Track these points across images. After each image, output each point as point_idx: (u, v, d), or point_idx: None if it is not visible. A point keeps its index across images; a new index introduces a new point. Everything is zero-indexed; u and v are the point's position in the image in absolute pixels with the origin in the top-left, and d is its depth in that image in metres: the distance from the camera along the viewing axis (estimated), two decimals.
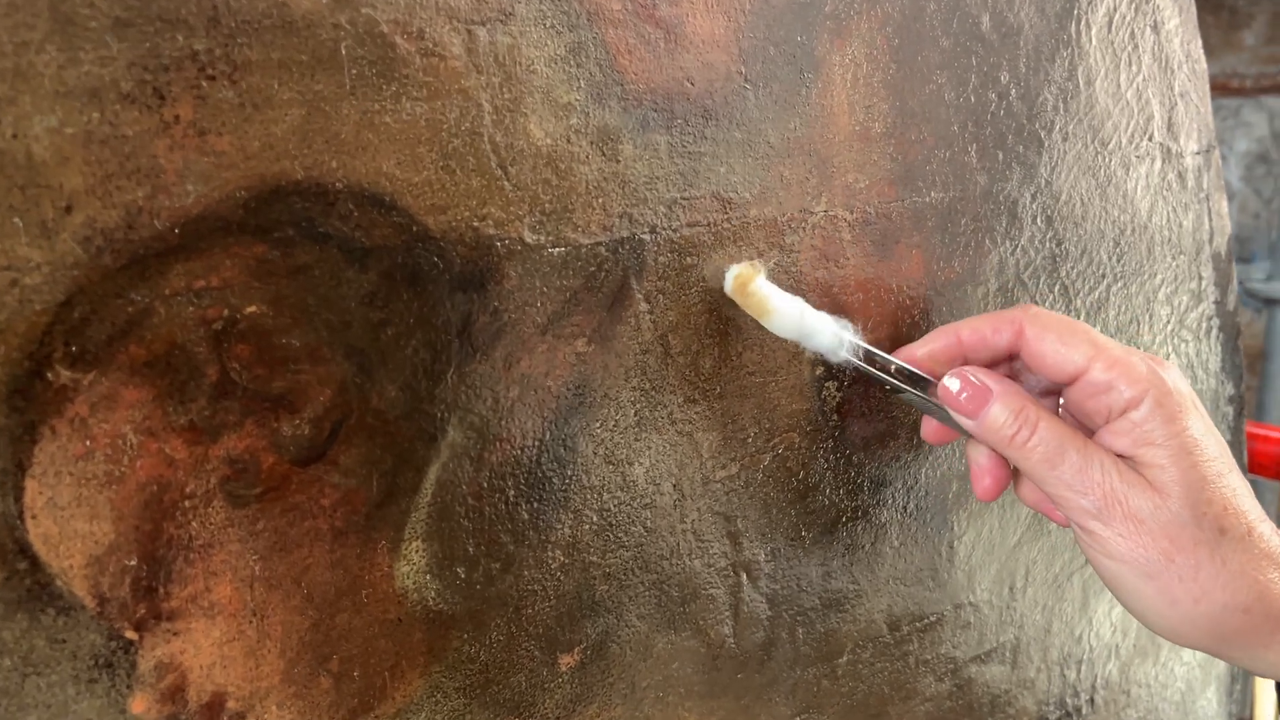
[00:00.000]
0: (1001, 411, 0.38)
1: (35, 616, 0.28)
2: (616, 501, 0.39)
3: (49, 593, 0.28)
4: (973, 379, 0.39)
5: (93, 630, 0.29)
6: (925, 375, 0.41)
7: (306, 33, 0.30)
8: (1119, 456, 0.38)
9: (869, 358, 0.41)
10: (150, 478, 0.29)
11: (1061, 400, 0.42)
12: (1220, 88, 2.77)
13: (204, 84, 0.28)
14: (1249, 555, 0.37)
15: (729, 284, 0.40)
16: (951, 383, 0.40)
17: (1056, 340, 0.39)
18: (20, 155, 0.26)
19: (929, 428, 0.44)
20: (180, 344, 0.29)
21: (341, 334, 0.32)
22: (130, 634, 0.30)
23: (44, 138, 0.26)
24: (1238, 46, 2.76)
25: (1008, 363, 0.42)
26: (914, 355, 0.42)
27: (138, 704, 0.30)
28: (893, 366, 0.42)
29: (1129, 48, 0.53)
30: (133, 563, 0.29)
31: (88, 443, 0.28)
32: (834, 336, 0.41)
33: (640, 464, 0.40)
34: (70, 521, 0.28)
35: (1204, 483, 0.37)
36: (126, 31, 0.27)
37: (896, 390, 0.42)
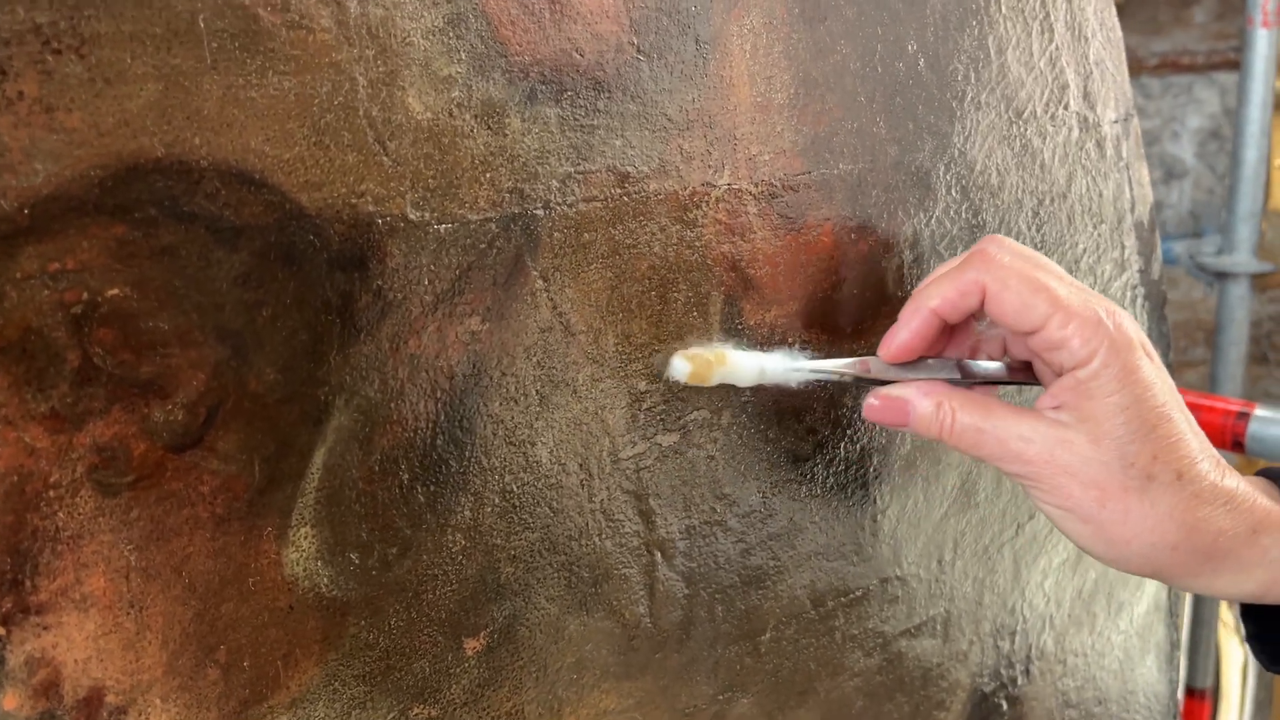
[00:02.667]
0: (922, 414, 0.42)
1: None
2: (519, 483, 0.39)
3: None
4: (889, 395, 0.43)
5: None
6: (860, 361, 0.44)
7: (160, 4, 0.29)
8: (1060, 407, 0.41)
9: (820, 370, 0.44)
10: (10, 468, 0.28)
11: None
12: (1172, 65, 2.79)
13: (49, 58, 0.27)
14: (1177, 498, 0.40)
15: (682, 377, 0.42)
16: (873, 402, 0.43)
17: (1016, 299, 0.40)
18: None
19: (871, 410, 0.44)
20: (36, 329, 0.28)
21: (213, 316, 0.31)
22: None
23: None
24: (1188, 23, 2.78)
25: (979, 314, 0.43)
26: (898, 339, 0.43)
27: (9, 700, 0.29)
28: (850, 369, 0.44)
29: (1040, 15, 0.53)
30: None
31: None
32: (790, 371, 0.44)
33: (544, 444, 0.39)
34: None
35: (1137, 433, 0.40)
36: None
37: (861, 382, 0.44)
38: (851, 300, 0.48)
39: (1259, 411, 1.07)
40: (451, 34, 0.34)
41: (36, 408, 0.28)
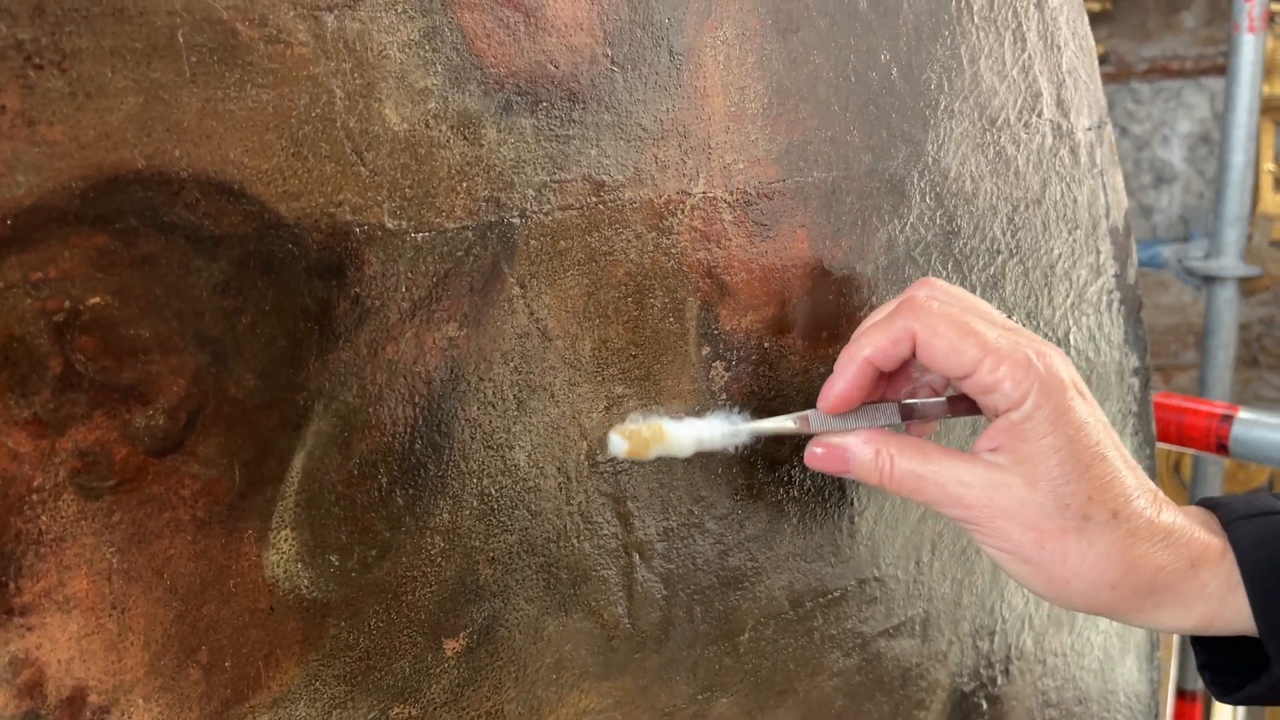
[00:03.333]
0: (861, 461, 0.43)
1: None
2: (498, 486, 0.40)
3: None
4: (828, 443, 0.44)
5: None
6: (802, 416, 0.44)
7: (140, 19, 0.29)
8: (997, 449, 0.41)
9: (761, 431, 0.45)
10: None
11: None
12: (1161, 70, 2.81)
13: (31, 73, 0.28)
14: (1114, 536, 0.41)
15: (620, 452, 0.42)
16: (815, 450, 0.44)
17: (945, 345, 0.41)
18: None
19: (812, 459, 0.45)
20: (18, 336, 0.29)
21: (193, 323, 0.32)
22: None
23: None
24: (1177, 29, 2.80)
25: (913, 361, 0.44)
26: (835, 391, 0.43)
27: None
28: (790, 425, 0.44)
29: (1013, 25, 0.54)
30: None
31: None
32: (729, 436, 0.44)
33: (521, 447, 0.40)
34: None
35: (1072, 475, 0.40)
36: None
37: (796, 432, 0.45)
38: (827, 305, 0.48)
39: (1242, 414, 1.08)
40: (427, 47, 0.35)
41: (19, 413, 0.29)
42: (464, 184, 0.36)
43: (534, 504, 0.41)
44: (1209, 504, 0.45)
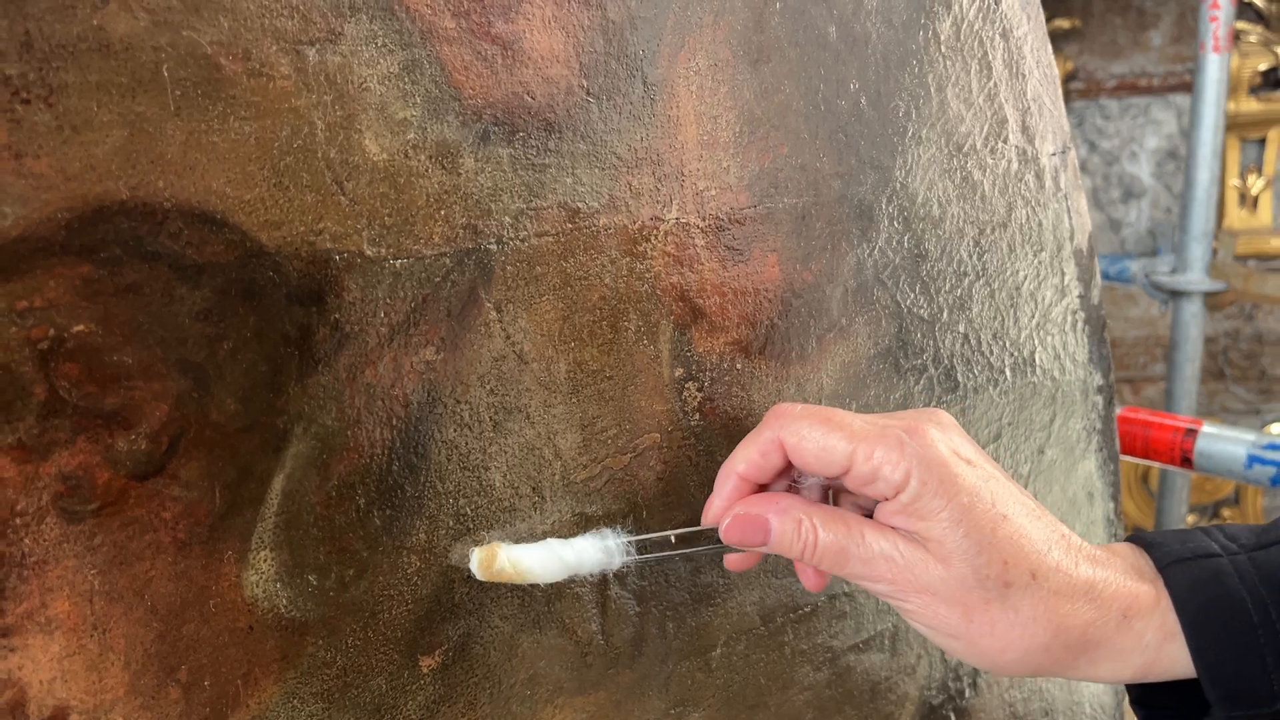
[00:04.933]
0: (782, 534, 0.41)
1: None
2: (474, 506, 0.40)
3: None
4: (746, 513, 0.42)
5: None
6: (703, 528, 0.44)
7: (125, 55, 0.30)
8: (901, 531, 0.41)
9: (644, 546, 0.43)
10: None
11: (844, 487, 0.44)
12: (1130, 87, 2.86)
13: (18, 107, 0.29)
14: (1036, 598, 0.40)
15: (478, 573, 0.40)
16: (730, 527, 0.42)
17: (814, 446, 0.41)
18: None
19: (730, 560, 0.45)
20: (3, 364, 0.29)
21: (176, 349, 0.32)
22: None
23: None
24: (1145, 46, 2.85)
25: (789, 470, 0.44)
26: (713, 510, 0.43)
27: None
28: (672, 538, 0.44)
29: (979, 54, 0.55)
30: None
31: None
32: (602, 553, 0.42)
33: (497, 468, 0.41)
34: None
35: (981, 544, 0.39)
36: None
37: (688, 553, 0.44)
38: (797, 328, 0.50)
39: (1206, 429, 1.10)
40: (407, 79, 0.36)
41: (3, 439, 0.30)
42: (442, 212, 0.37)
43: (509, 523, 0.42)
44: (1142, 542, 0.44)
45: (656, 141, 0.43)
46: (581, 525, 0.44)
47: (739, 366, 0.48)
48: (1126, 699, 0.84)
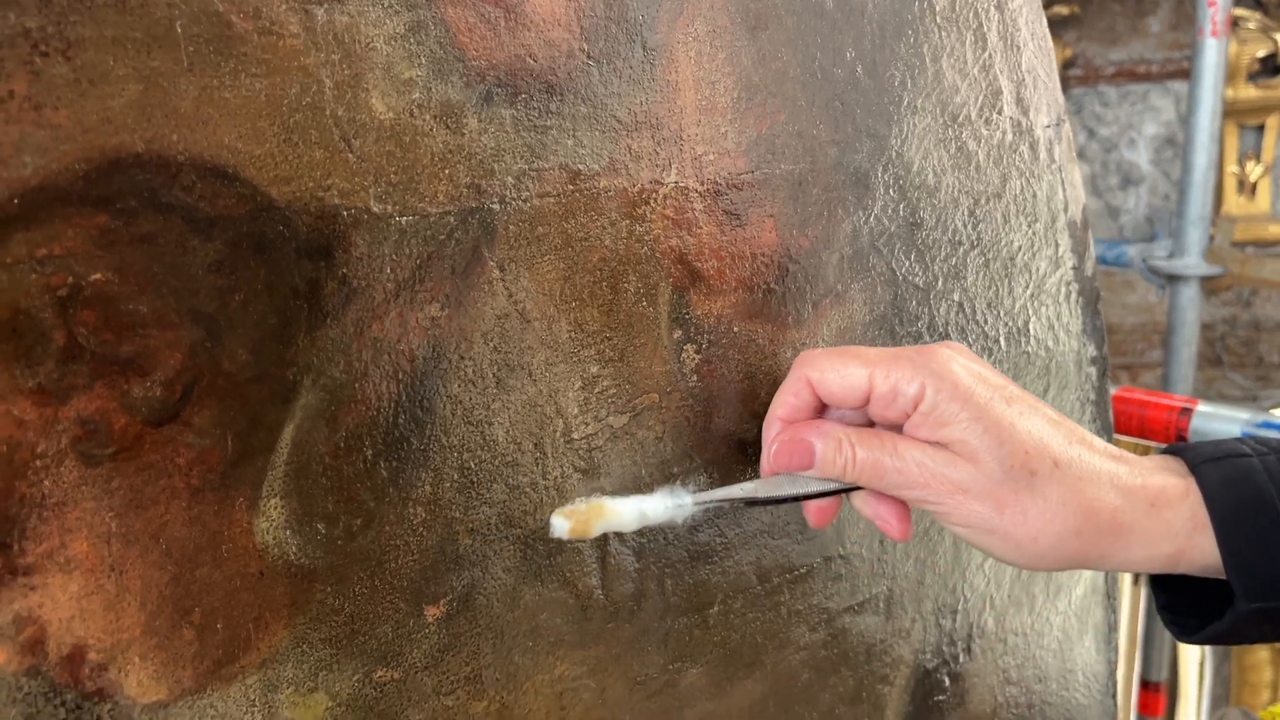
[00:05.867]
0: (825, 452, 0.44)
1: None
2: (477, 460, 0.41)
3: None
4: (790, 439, 0.45)
5: None
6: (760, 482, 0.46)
7: (140, 11, 0.31)
8: (930, 442, 0.43)
9: (708, 500, 0.46)
10: (0, 438, 0.31)
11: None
12: (1128, 74, 2.86)
13: (37, 60, 0.30)
14: (1063, 484, 0.42)
15: (564, 534, 0.43)
16: (778, 453, 0.45)
17: (835, 376, 0.44)
18: None
19: (812, 515, 0.47)
20: (25, 310, 0.30)
21: (189, 300, 0.33)
22: None
23: None
24: (1144, 33, 2.85)
25: (824, 409, 0.46)
26: (765, 457, 0.46)
27: None
28: (736, 493, 0.46)
29: (974, 26, 0.56)
30: None
31: None
32: (673, 511, 0.45)
33: (500, 424, 0.42)
34: None
35: (1002, 439, 0.42)
36: None
37: (752, 504, 0.46)
38: (794, 293, 0.51)
39: (1201, 407, 1.11)
40: (412, 40, 0.37)
41: (24, 383, 0.31)
42: (446, 171, 0.38)
43: (512, 478, 0.43)
44: (1175, 450, 0.46)
45: (656, 106, 0.44)
46: (583, 482, 0.45)
47: (736, 330, 0.49)
48: (1118, 667, 0.85)
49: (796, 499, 0.46)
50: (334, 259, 0.36)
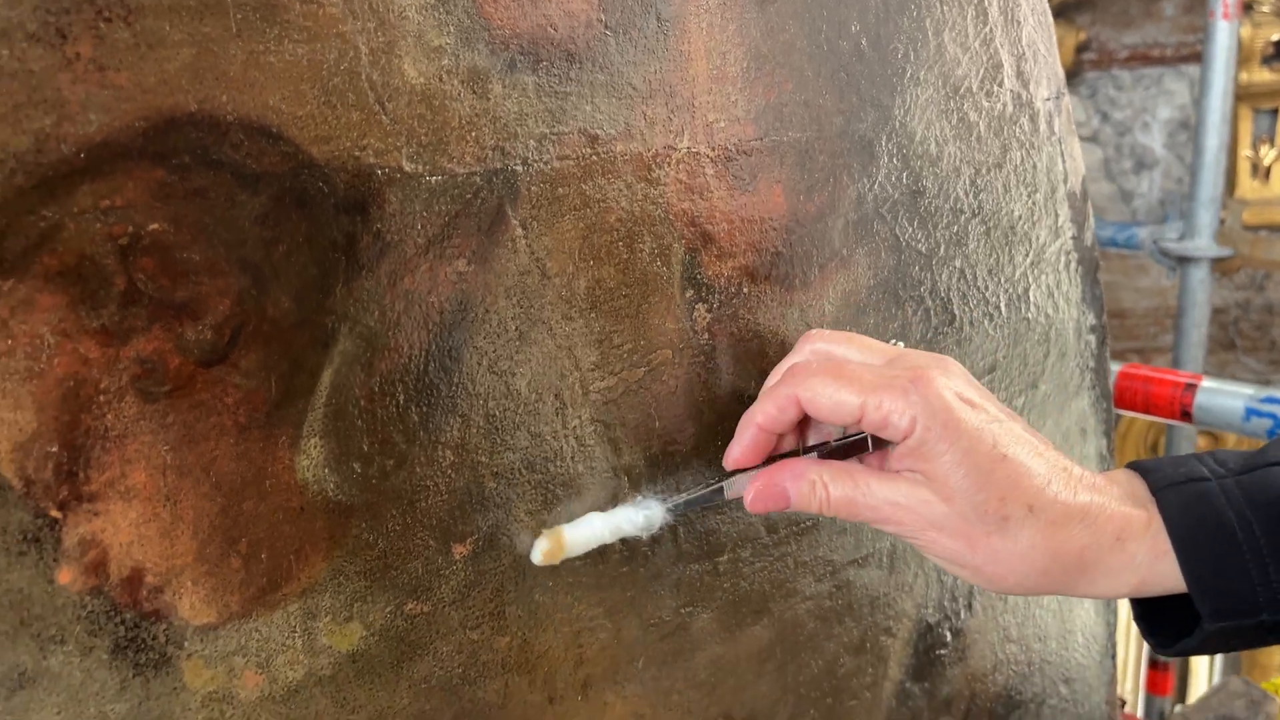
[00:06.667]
0: (799, 494, 0.46)
1: None
2: (501, 408, 0.44)
3: None
4: (767, 485, 0.46)
5: (20, 509, 0.33)
6: (727, 478, 0.48)
7: None
8: (910, 470, 0.44)
9: (679, 505, 0.48)
10: (67, 374, 0.33)
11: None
12: (1142, 57, 2.86)
13: (101, 25, 0.32)
14: (1034, 529, 0.44)
15: (539, 559, 0.45)
16: (755, 500, 0.46)
17: (827, 403, 0.44)
18: None
19: (752, 503, 0.47)
20: (90, 256, 0.33)
21: (237, 250, 0.36)
22: (54, 513, 0.34)
23: None
24: (1158, 17, 2.85)
25: (807, 420, 0.47)
26: (732, 455, 0.47)
27: (64, 575, 0.34)
28: (704, 496, 0.48)
29: (975, 1, 0.58)
30: (54, 449, 0.33)
31: (9, 341, 0.32)
32: (644, 521, 0.47)
33: (522, 375, 0.45)
34: None
35: (980, 482, 0.43)
36: None
37: (719, 504, 0.49)
38: (800, 256, 0.53)
39: (1205, 383, 1.13)
40: (441, 9, 0.39)
41: (89, 324, 0.34)
42: (473, 133, 0.41)
43: (533, 426, 0.45)
44: (1139, 468, 0.47)
45: (669, 74, 0.46)
46: (600, 432, 0.47)
47: (745, 290, 0.51)
48: (1115, 629, 0.88)
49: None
50: (369, 214, 0.39)
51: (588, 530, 0.46)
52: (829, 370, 0.45)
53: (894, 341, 0.50)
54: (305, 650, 0.40)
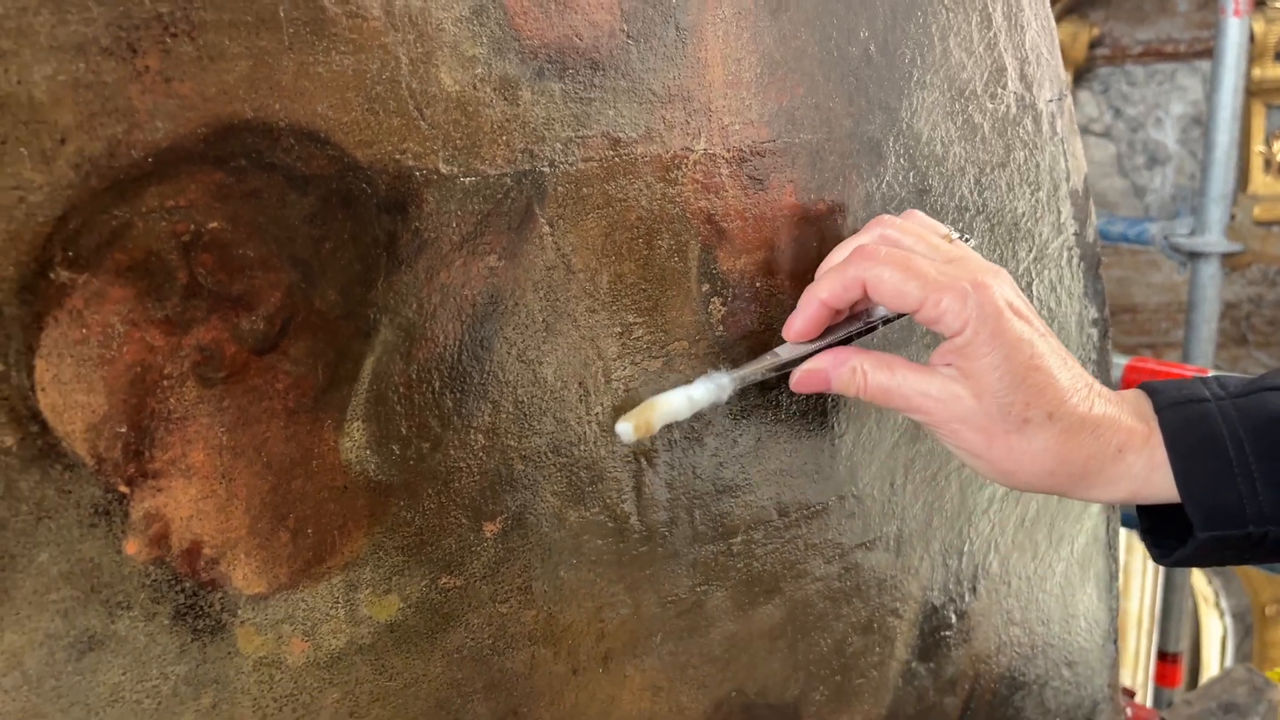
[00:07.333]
0: (840, 380, 0.50)
1: (46, 471, 0.35)
2: (529, 395, 0.47)
3: (56, 452, 0.35)
4: (811, 370, 0.51)
5: (92, 484, 0.36)
6: (791, 354, 0.52)
7: None
8: (949, 365, 0.48)
9: (743, 378, 0.51)
10: (135, 360, 0.36)
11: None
12: (1155, 53, 2.87)
13: (168, 40, 0.35)
14: (1049, 434, 0.48)
15: (630, 436, 0.48)
16: (799, 382, 0.51)
17: (891, 289, 0.48)
18: (24, 98, 0.33)
19: (797, 382, 0.52)
20: (155, 252, 0.36)
21: (288, 247, 0.39)
22: (122, 488, 0.37)
23: (42, 84, 0.33)
24: (1172, 12, 2.86)
25: (865, 299, 0.51)
26: (795, 327, 0.51)
27: (130, 546, 0.37)
28: (764, 365, 0.52)
29: (980, 7, 0.61)
30: (123, 430, 0.36)
31: (83, 330, 0.35)
32: (715, 391, 0.50)
33: (549, 364, 0.47)
34: (71, 394, 0.35)
35: (1012, 385, 0.47)
36: None
37: (781, 370, 0.52)
38: (811, 251, 0.56)
39: (1212, 376, 1.15)
40: (475, 22, 0.42)
41: (155, 314, 0.36)
42: (504, 137, 0.44)
43: (558, 412, 0.48)
44: (1147, 388, 0.52)
45: (687, 80, 0.49)
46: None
47: (758, 285, 0.54)
48: (1118, 615, 0.90)
49: (821, 349, 0.51)
50: (409, 214, 0.41)
51: (669, 404, 0.49)
52: (897, 260, 0.48)
53: (963, 237, 0.53)
54: (347, 620, 0.43)
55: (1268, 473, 0.47)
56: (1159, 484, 0.48)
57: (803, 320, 0.50)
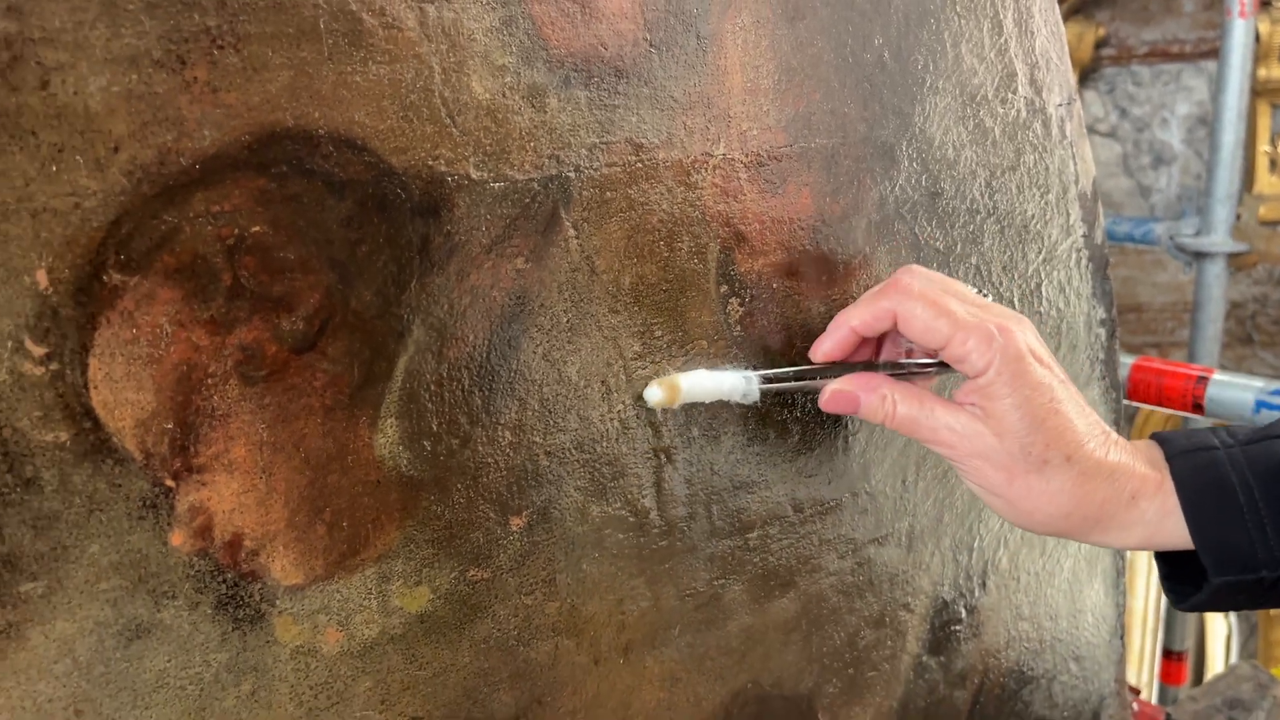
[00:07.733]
0: (868, 404, 0.52)
1: (98, 465, 0.37)
2: (554, 393, 0.48)
3: (108, 447, 0.37)
4: (840, 390, 0.52)
5: (140, 478, 0.38)
6: (816, 367, 0.54)
7: (293, 11, 0.38)
8: (973, 404, 0.50)
9: (771, 379, 0.53)
10: (181, 359, 0.38)
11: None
12: (1161, 53, 2.88)
13: (215, 52, 0.36)
14: (1067, 476, 0.49)
15: (654, 401, 0.50)
16: (828, 402, 0.52)
17: (921, 324, 0.50)
18: (79, 108, 0.34)
19: (826, 402, 0.54)
20: (202, 255, 0.38)
21: (326, 249, 0.40)
22: (169, 482, 0.38)
23: (97, 95, 0.35)
24: (1178, 13, 2.86)
25: (894, 331, 0.53)
26: (822, 348, 0.53)
27: (176, 538, 0.39)
28: (790, 376, 0.53)
29: (991, 13, 0.62)
30: (170, 426, 0.38)
31: (134, 330, 0.37)
32: (743, 386, 0.52)
33: (573, 363, 0.49)
34: (122, 391, 0.37)
35: (1032, 427, 0.49)
36: (156, 11, 0.35)
37: (806, 386, 0.54)
38: (826, 254, 0.57)
39: (1216, 376, 1.16)
40: (505, 32, 0.43)
41: (200, 315, 0.38)
42: (532, 143, 0.45)
43: (582, 410, 0.49)
44: (1158, 439, 0.53)
45: (707, 87, 0.50)
46: (642, 416, 0.51)
47: (775, 286, 0.55)
48: (1124, 611, 0.91)
49: (851, 369, 0.53)
50: (441, 217, 0.43)
51: (698, 384, 0.51)
52: (929, 297, 0.50)
53: (982, 293, 0.55)
54: (380, 610, 0.45)
55: (1278, 517, 0.48)
56: (1171, 530, 0.50)
57: (831, 343, 0.52)
